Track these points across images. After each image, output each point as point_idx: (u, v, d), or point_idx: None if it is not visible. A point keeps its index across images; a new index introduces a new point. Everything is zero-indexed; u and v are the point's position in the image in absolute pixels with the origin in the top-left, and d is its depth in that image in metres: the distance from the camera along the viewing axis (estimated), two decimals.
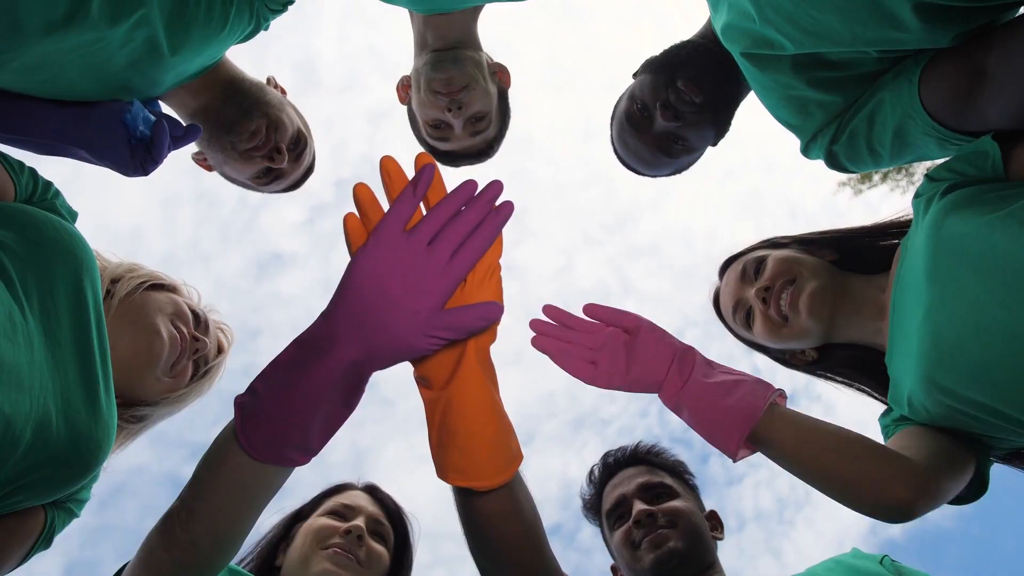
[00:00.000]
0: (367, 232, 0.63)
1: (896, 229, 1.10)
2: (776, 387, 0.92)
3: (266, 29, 1.19)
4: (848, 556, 1.01)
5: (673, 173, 1.43)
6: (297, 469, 0.66)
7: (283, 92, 1.37)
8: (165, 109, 1.20)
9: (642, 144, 1.32)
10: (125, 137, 1.07)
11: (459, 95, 1.33)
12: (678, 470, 1.35)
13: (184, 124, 1.13)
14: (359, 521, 1.12)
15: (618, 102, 1.40)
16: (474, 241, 0.58)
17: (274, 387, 0.61)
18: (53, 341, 0.82)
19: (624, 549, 1.21)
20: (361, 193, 0.63)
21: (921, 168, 7.98)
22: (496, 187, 0.59)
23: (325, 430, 0.63)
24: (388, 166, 0.63)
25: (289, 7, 1.18)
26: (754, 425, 0.87)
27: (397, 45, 1.46)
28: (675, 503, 1.22)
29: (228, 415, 0.65)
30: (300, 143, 1.34)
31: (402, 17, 1.41)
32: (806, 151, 1.17)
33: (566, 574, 0.83)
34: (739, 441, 0.88)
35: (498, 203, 0.60)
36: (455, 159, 1.50)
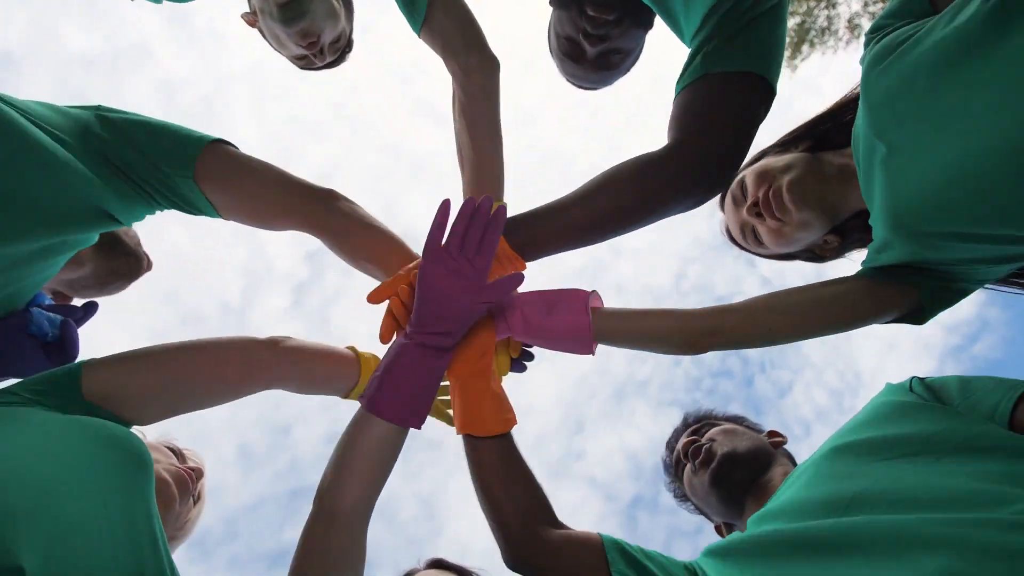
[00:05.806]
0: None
1: (854, 102, 1.10)
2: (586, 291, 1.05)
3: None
4: (883, 395, 1.02)
5: (626, 72, 1.48)
6: (374, 531, 0.88)
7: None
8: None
9: (585, 70, 1.38)
10: (38, 345, 1.06)
11: (318, 43, 1.37)
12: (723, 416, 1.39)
13: (80, 306, 1.15)
14: None
15: (548, 37, 1.45)
16: (486, 240, 0.89)
17: (386, 371, 0.89)
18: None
19: (693, 486, 1.26)
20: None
21: (843, 23, 7.93)
22: (488, 201, 0.90)
23: (424, 398, 0.89)
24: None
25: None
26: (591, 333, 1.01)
27: (320, 108, 1.45)
28: (716, 427, 1.27)
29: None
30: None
31: (321, 79, 1.39)
32: None
33: (561, 522, 0.98)
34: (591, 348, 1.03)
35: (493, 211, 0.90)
36: (325, 68, 1.54)
